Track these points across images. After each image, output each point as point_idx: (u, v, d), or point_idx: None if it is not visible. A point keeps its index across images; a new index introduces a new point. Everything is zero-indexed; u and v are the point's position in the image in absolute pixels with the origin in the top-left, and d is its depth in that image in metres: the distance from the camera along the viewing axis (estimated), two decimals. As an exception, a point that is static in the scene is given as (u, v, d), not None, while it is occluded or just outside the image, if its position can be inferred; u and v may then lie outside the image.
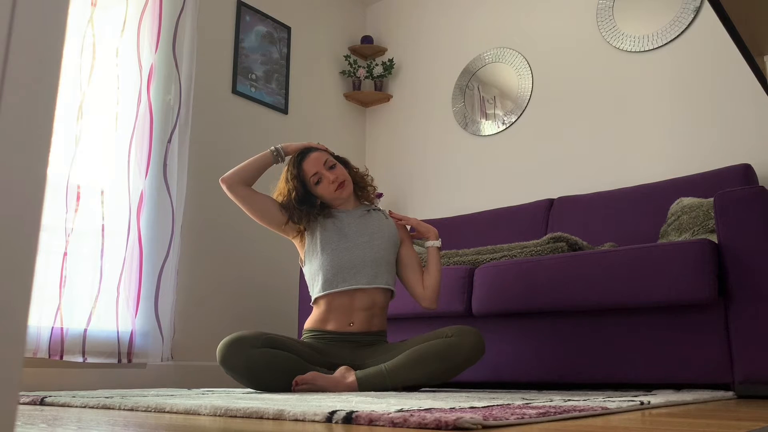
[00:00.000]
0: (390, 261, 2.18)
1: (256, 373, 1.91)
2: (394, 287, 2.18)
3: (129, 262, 2.58)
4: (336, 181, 2.14)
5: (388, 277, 2.15)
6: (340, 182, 2.15)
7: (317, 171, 2.14)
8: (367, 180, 2.31)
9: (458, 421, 0.81)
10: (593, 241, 2.58)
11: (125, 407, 1.30)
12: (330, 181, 2.13)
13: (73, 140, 2.47)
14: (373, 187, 2.33)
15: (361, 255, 2.11)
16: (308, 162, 2.14)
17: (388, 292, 2.16)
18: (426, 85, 3.87)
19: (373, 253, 2.13)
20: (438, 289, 2.18)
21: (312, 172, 2.13)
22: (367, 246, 2.13)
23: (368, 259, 2.11)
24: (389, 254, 2.18)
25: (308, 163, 2.14)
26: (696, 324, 1.93)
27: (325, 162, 2.15)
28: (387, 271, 2.15)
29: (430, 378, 1.93)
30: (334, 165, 2.18)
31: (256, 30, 3.44)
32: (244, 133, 3.28)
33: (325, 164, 2.15)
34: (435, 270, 2.18)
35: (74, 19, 2.55)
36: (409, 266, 2.22)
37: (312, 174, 2.13)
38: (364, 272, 2.09)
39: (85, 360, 2.41)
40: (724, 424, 0.95)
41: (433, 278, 2.17)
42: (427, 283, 2.18)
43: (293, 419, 0.99)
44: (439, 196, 3.65)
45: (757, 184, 2.40)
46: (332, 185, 2.13)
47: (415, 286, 2.19)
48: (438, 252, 2.20)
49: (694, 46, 2.90)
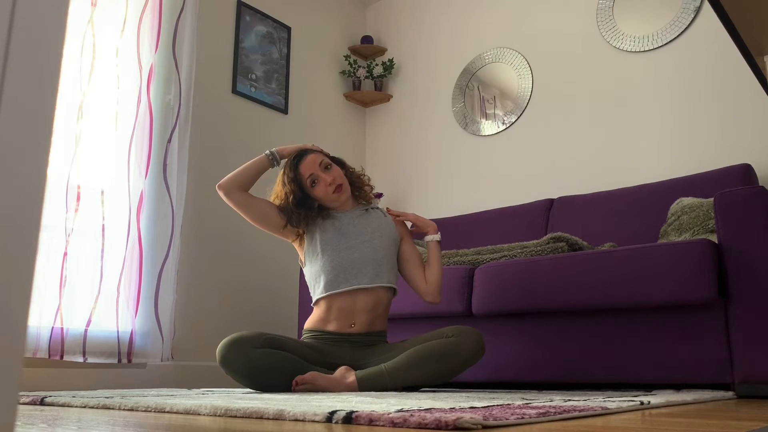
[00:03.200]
0: (391, 259, 2.18)
1: (256, 373, 1.91)
2: (396, 285, 2.18)
3: (129, 262, 2.58)
4: (333, 183, 2.13)
5: (390, 275, 2.15)
6: (337, 185, 2.14)
7: (313, 173, 2.13)
8: (364, 180, 2.31)
9: (458, 421, 0.81)
10: (593, 241, 2.58)
11: (125, 407, 1.30)
12: (327, 184, 2.12)
13: (73, 140, 2.47)
14: (371, 187, 2.33)
15: (362, 254, 2.11)
16: (304, 164, 2.14)
17: (390, 290, 2.16)
18: (426, 85, 3.87)
19: (373, 251, 2.13)
20: (440, 282, 2.18)
21: (308, 174, 2.13)
22: (368, 245, 2.13)
23: (369, 258, 2.11)
24: (390, 252, 2.18)
25: (304, 166, 2.14)
26: (696, 324, 1.93)
27: (321, 163, 2.15)
28: (389, 269, 2.15)
29: (430, 378, 1.93)
30: (329, 166, 2.17)
31: (256, 30, 3.44)
32: (244, 133, 3.28)
33: (320, 165, 2.14)
34: (436, 264, 2.18)
35: (74, 19, 2.55)
36: (411, 262, 2.22)
37: (308, 176, 2.13)
38: (365, 271, 2.09)
39: (85, 360, 2.41)
40: (724, 424, 0.94)
41: (434, 272, 2.17)
42: (429, 277, 2.18)
43: (293, 419, 0.99)
44: (439, 196, 3.65)
45: (757, 184, 2.40)
46: (329, 187, 2.13)
47: (417, 282, 2.20)
48: (438, 246, 2.20)
49: (694, 46, 2.90)
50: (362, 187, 2.29)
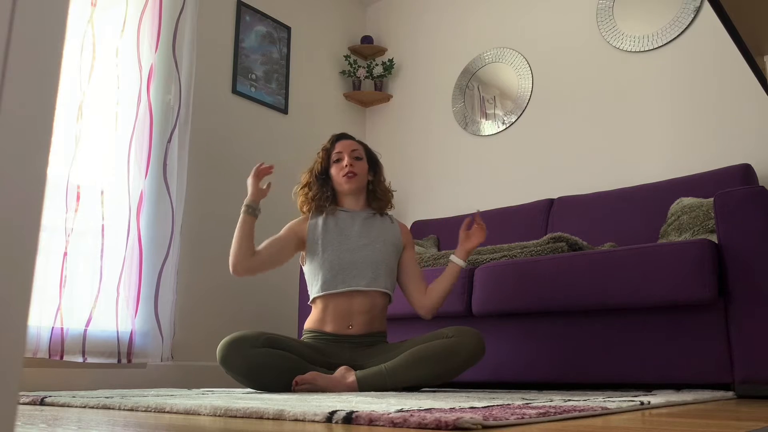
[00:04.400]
0: (390, 265, 2.17)
1: (256, 373, 1.91)
2: (392, 292, 2.17)
3: (129, 262, 2.58)
4: (349, 168, 2.16)
5: (387, 281, 2.14)
6: (351, 171, 2.17)
7: (342, 151, 2.21)
8: (388, 196, 2.29)
9: (458, 421, 0.81)
10: (593, 241, 2.58)
11: (125, 407, 1.30)
12: (344, 165, 2.18)
13: (73, 140, 2.47)
14: (389, 203, 2.30)
15: (362, 257, 2.11)
16: (341, 143, 2.24)
17: (386, 296, 2.16)
18: (426, 85, 3.87)
19: (374, 255, 2.12)
20: (442, 302, 2.16)
21: (338, 149, 2.22)
22: (369, 248, 2.13)
23: (368, 261, 2.11)
24: (390, 259, 2.18)
25: (340, 144, 2.24)
26: (696, 324, 1.93)
27: (353, 150, 2.22)
28: (386, 274, 2.14)
29: (430, 378, 1.93)
30: (360, 157, 2.23)
31: (256, 30, 3.44)
32: (244, 133, 3.28)
33: (352, 152, 2.21)
34: (448, 283, 2.15)
35: (74, 19, 2.54)
36: (409, 273, 2.22)
37: (336, 152, 2.22)
38: (363, 274, 2.09)
39: (85, 360, 2.40)
40: (724, 424, 0.94)
41: (443, 288, 2.14)
42: (435, 291, 2.15)
43: (293, 419, 0.99)
44: (439, 196, 3.65)
45: (757, 184, 2.39)
46: (344, 169, 2.17)
47: (413, 293, 2.19)
48: (459, 272, 2.17)
49: (694, 46, 2.90)
50: (381, 198, 2.27)
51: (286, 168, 2.96)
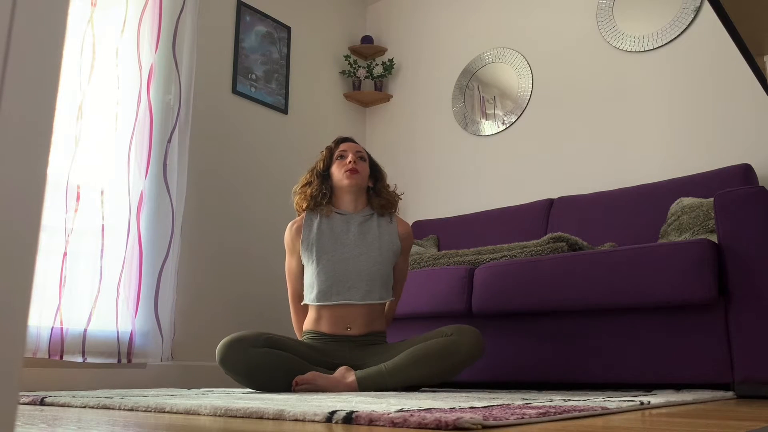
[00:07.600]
0: (386, 273, 2.16)
1: (256, 373, 1.91)
2: (389, 297, 2.17)
3: (129, 262, 2.58)
4: (352, 165, 2.18)
5: (383, 291, 2.14)
6: (353, 168, 2.17)
7: (346, 150, 2.23)
8: (393, 196, 2.27)
9: (458, 421, 0.81)
10: (593, 241, 2.58)
11: (125, 407, 1.30)
12: (347, 162, 2.19)
13: (73, 140, 2.47)
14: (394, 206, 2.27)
15: (356, 267, 2.10)
16: (346, 143, 2.28)
17: (383, 302, 2.16)
18: (426, 85, 3.87)
19: (368, 266, 2.11)
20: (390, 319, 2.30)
21: (342, 148, 2.24)
22: (364, 258, 2.12)
23: (363, 273, 2.10)
24: (387, 266, 2.16)
25: (345, 144, 2.27)
26: (696, 324, 1.93)
27: (358, 152, 2.25)
28: (381, 284, 2.13)
29: (430, 377, 1.93)
30: (364, 159, 2.26)
31: (256, 30, 3.44)
32: (244, 133, 3.28)
33: (356, 152, 2.24)
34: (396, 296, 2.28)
35: (74, 19, 2.54)
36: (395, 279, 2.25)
37: (341, 150, 2.24)
38: (358, 286, 2.08)
39: (85, 360, 2.40)
40: (724, 424, 0.94)
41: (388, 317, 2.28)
42: (388, 311, 2.27)
43: (293, 419, 0.99)
44: (439, 196, 3.65)
45: (757, 184, 2.40)
46: (346, 166, 2.18)
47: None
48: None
49: (694, 46, 2.90)
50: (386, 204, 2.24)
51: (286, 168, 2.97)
